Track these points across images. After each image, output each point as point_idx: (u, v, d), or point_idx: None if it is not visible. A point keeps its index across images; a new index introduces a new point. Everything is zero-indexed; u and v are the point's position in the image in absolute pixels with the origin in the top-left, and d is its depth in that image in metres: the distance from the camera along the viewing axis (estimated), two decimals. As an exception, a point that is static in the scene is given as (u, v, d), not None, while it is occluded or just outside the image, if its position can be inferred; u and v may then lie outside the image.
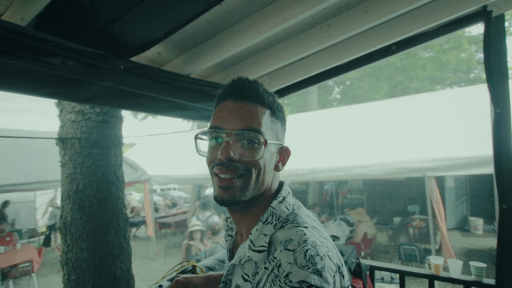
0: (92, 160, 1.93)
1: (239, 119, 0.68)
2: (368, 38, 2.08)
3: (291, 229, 0.66)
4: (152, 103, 1.64)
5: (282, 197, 0.73)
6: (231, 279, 0.76)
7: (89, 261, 1.87)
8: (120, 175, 2.10)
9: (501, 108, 1.95)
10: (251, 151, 0.68)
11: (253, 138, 0.67)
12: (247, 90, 0.70)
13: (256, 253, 0.67)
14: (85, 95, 1.33)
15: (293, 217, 0.69)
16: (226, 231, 0.86)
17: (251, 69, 2.15)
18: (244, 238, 0.75)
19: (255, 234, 0.69)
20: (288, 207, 0.72)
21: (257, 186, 0.69)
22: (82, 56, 1.29)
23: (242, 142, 0.68)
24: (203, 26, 1.67)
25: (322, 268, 0.58)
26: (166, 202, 12.16)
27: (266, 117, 0.71)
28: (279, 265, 0.60)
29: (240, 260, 0.71)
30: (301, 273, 0.57)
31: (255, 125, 0.68)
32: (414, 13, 1.97)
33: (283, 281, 0.57)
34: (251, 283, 0.67)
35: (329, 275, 0.58)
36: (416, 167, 4.45)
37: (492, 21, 1.98)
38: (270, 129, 0.71)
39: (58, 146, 2.02)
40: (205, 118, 2.12)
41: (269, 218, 0.70)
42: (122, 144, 2.14)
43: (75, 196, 1.94)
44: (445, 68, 11.67)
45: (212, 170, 0.71)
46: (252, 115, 0.69)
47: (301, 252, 0.59)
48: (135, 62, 1.55)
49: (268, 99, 0.72)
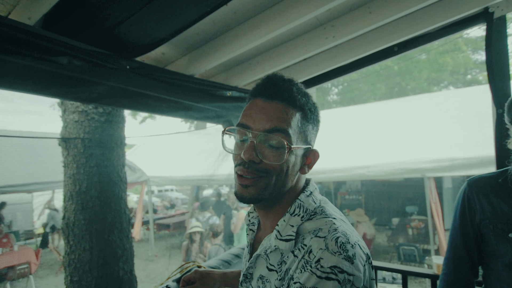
0: (95, 161, 1.92)
1: (267, 120, 0.67)
2: (371, 39, 2.09)
3: (319, 220, 0.67)
4: (157, 103, 1.64)
5: (309, 191, 0.74)
6: (252, 272, 0.76)
7: (92, 262, 1.86)
8: (123, 176, 2.09)
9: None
10: (275, 154, 0.67)
11: (278, 141, 0.66)
12: (279, 90, 0.69)
13: (284, 242, 0.67)
14: (92, 94, 1.33)
15: (320, 210, 0.71)
16: (248, 225, 0.87)
17: (254, 69, 2.15)
18: (268, 231, 0.76)
19: (282, 224, 0.70)
20: (315, 200, 0.73)
21: (277, 187, 0.69)
22: (89, 56, 1.28)
23: (267, 144, 0.67)
24: (209, 27, 1.67)
25: (354, 255, 0.58)
26: (164, 204, 12.12)
27: (295, 120, 0.69)
28: (310, 251, 0.61)
29: (266, 250, 0.72)
30: (333, 258, 0.57)
31: (283, 127, 0.66)
32: (416, 15, 1.98)
33: (315, 266, 0.58)
34: (277, 272, 0.68)
35: (360, 263, 0.59)
36: (415, 167, 4.47)
37: (494, 22, 1.99)
38: (299, 132, 0.70)
39: (61, 146, 2.00)
40: (209, 118, 2.12)
41: (296, 210, 0.70)
42: (125, 144, 2.13)
43: (78, 197, 1.92)
44: (442, 70, 11.76)
45: (235, 169, 0.71)
46: (281, 117, 0.67)
47: (332, 239, 0.60)
48: (141, 62, 1.55)
49: (301, 100, 0.70)
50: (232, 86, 2.16)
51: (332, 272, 0.56)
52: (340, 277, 0.56)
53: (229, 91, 2.13)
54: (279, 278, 0.66)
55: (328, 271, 0.56)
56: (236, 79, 2.22)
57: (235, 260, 1.88)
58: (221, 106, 2.12)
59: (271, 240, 0.71)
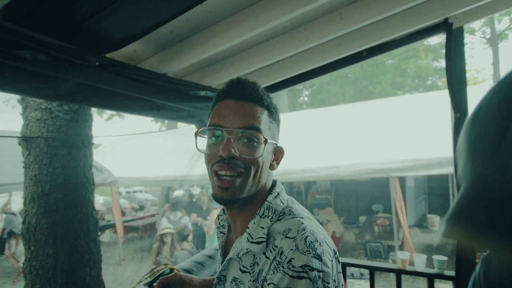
0: (60, 161, 1.82)
1: (240, 118, 0.70)
2: (342, 44, 2.17)
3: (288, 220, 0.69)
4: (128, 102, 1.59)
5: (276, 192, 0.76)
6: (225, 275, 0.77)
7: (56, 268, 1.76)
8: (90, 177, 2.00)
9: (461, 112, 2.11)
10: (251, 149, 0.70)
11: (254, 137, 0.70)
12: (247, 90, 0.73)
13: (255, 245, 0.69)
14: (58, 91, 1.26)
15: (288, 210, 0.73)
16: (218, 228, 0.87)
17: (228, 69, 2.15)
18: (239, 233, 0.78)
19: (252, 227, 0.71)
20: (283, 201, 0.75)
21: (254, 184, 0.72)
22: (55, 51, 1.22)
23: (242, 141, 0.70)
24: (182, 25, 1.64)
25: (322, 253, 0.61)
26: (133, 205, 11.71)
27: (264, 117, 0.73)
28: (281, 252, 0.63)
29: (238, 253, 0.73)
30: (303, 258, 0.60)
31: (256, 124, 0.70)
32: (384, 22, 2.07)
33: (287, 267, 0.60)
34: (250, 273, 0.69)
35: (328, 260, 0.62)
36: (381, 168, 4.68)
37: (452, 32, 2.13)
38: (268, 129, 0.74)
39: (21, 146, 1.87)
40: (182, 118, 2.09)
41: (265, 212, 0.72)
42: (92, 144, 2.04)
43: (41, 199, 1.81)
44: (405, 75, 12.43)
45: (211, 168, 0.72)
46: (253, 114, 0.71)
47: (301, 239, 0.63)
48: (111, 59, 1.49)
49: (267, 100, 0.76)
50: (205, 86, 2.15)
51: (304, 271, 0.58)
52: (311, 274, 0.58)
53: (203, 91, 2.11)
54: (252, 280, 0.67)
55: (299, 270, 0.59)
56: (209, 79, 2.20)
57: (209, 261, 1.86)
58: (194, 106, 2.10)
59: (242, 243, 0.72)
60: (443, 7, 2.00)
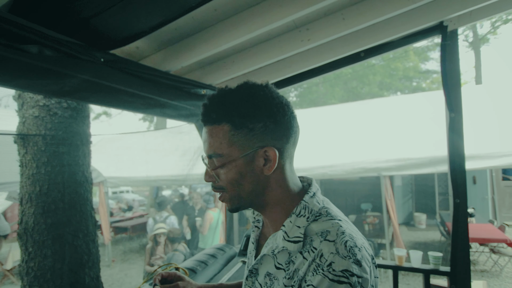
0: (58, 160, 1.77)
1: (206, 145, 0.73)
2: (342, 44, 2.20)
3: (326, 222, 0.69)
4: (133, 100, 1.57)
5: (313, 192, 0.76)
6: (258, 268, 0.78)
7: (54, 270, 1.71)
8: (88, 176, 1.96)
9: (455, 112, 2.18)
10: (218, 173, 0.74)
11: (215, 163, 0.73)
12: (207, 114, 0.72)
13: (292, 244, 0.69)
14: (63, 88, 1.23)
15: (325, 211, 0.72)
16: (253, 222, 0.89)
17: (229, 68, 2.15)
18: (273, 229, 0.78)
19: (288, 225, 0.71)
20: (319, 201, 0.75)
21: (246, 195, 0.74)
22: (61, 45, 1.19)
23: (210, 167, 0.75)
24: (187, 22, 1.63)
25: (361, 258, 0.62)
26: (120, 206, 11.50)
27: (223, 136, 0.70)
28: (321, 255, 0.63)
29: (273, 250, 0.73)
30: (344, 262, 0.60)
31: (211, 152, 0.73)
32: (382, 24, 2.11)
33: (327, 270, 0.60)
34: (284, 270, 0.70)
35: (367, 266, 0.62)
36: (373, 167, 4.77)
37: (447, 34, 2.20)
38: (230, 145, 0.70)
39: (17, 144, 1.81)
40: (183, 116, 2.07)
41: (302, 211, 0.72)
42: (90, 142, 2.00)
43: (39, 199, 1.75)
44: (394, 76, 12.69)
45: None
46: (210, 140, 0.72)
47: (341, 243, 0.63)
48: (116, 55, 1.47)
49: (230, 113, 0.70)
50: (206, 85, 2.14)
51: (344, 275, 0.59)
52: (351, 280, 0.58)
53: (204, 89, 2.10)
54: (287, 277, 0.68)
55: (340, 275, 0.59)
56: (210, 77, 2.19)
57: (211, 260, 1.86)
58: (195, 104, 2.09)
59: (277, 240, 0.72)
60: (439, 10, 2.05)
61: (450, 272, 2.10)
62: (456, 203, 2.12)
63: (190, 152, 5.65)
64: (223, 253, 1.98)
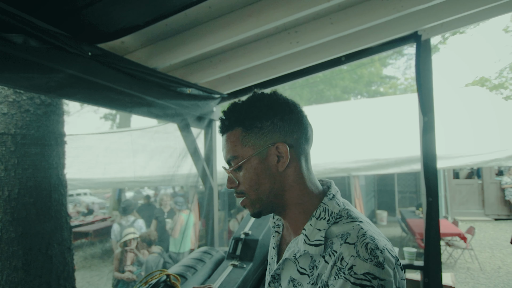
0: (30, 161, 1.60)
1: (224, 152, 0.77)
2: (326, 48, 2.25)
3: (346, 224, 0.69)
4: (120, 98, 1.47)
5: (332, 194, 0.75)
6: (280, 274, 0.77)
7: (25, 283, 1.55)
8: (63, 179, 1.80)
9: (428, 116, 2.33)
10: (237, 176, 0.77)
11: (235, 168, 0.76)
12: (222, 124, 0.78)
13: (313, 247, 0.68)
14: (50, 83, 1.12)
15: (346, 213, 0.72)
16: (273, 227, 0.87)
17: (216, 67, 2.10)
18: (293, 233, 0.78)
19: (309, 229, 0.71)
20: (339, 203, 0.74)
21: (265, 196, 0.75)
22: (48, 36, 1.08)
23: (231, 172, 0.77)
24: (179, 18, 1.56)
25: (383, 260, 0.60)
26: (78, 209, 10.77)
27: (236, 139, 0.75)
28: (342, 258, 0.62)
29: (295, 254, 0.72)
30: (365, 265, 0.59)
31: (228, 156, 0.76)
32: (364, 31, 2.20)
33: (348, 273, 0.60)
34: (308, 276, 0.69)
35: (389, 268, 0.61)
36: (343, 167, 4.95)
37: (421, 43, 2.34)
38: (243, 146, 0.75)
39: (-19, 144, 1.61)
40: (169, 116, 1.99)
41: (322, 214, 0.72)
42: (65, 142, 1.84)
43: (7, 205, 1.56)
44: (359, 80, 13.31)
45: None
46: (226, 146, 0.77)
47: (362, 246, 0.62)
48: (103, 49, 1.37)
49: (240, 117, 0.76)
50: (191, 84, 2.07)
51: (366, 278, 0.58)
52: (374, 283, 0.58)
53: (189, 88, 2.04)
54: (311, 283, 0.67)
55: (362, 278, 0.58)
56: (195, 76, 2.13)
57: (200, 264, 1.80)
58: (180, 103, 2.01)
59: (298, 244, 0.72)
60: (414, 21, 2.18)
61: (424, 266, 2.23)
62: (429, 202, 2.26)
63: (160, 153, 5.44)
64: (211, 256, 1.93)
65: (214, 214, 2.66)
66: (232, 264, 1.74)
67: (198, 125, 2.47)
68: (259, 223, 2.06)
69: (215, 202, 2.70)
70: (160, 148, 5.14)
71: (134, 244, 3.67)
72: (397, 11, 1.83)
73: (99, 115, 12.60)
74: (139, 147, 6.20)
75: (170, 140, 2.32)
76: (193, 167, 2.45)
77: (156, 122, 8.49)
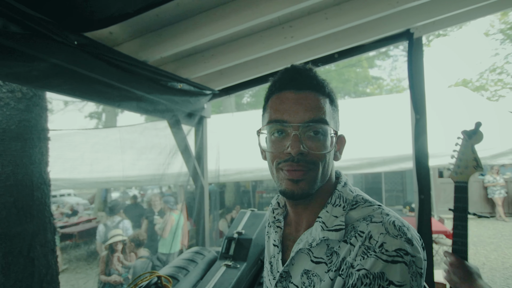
0: (10, 158, 1.50)
1: (304, 111, 0.65)
2: (320, 44, 2.23)
3: (366, 208, 0.68)
4: (108, 91, 1.40)
5: (343, 182, 0.74)
6: (289, 270, 0.72)
7: (5, 287, 1.45)
8: (46, 177, 1.70)
9: (420, 114, 2.34)
10: (319, 143, 0.66)
11: (320, 130, 0.65)
12: (307, 79, 0.67)
13: (333, 232, 0.65)
14: (32, 72, 1.04)
15: (361, 198, 0.71)
16: (274, 223, 0.82)
17: (208, 62, 2.04)
18: (303, 227, 0.74)
19: (325, 215, 0.68)
20: (352, 190, 0.73)
21: (323, 178, 0.69)
22: (30, 22, 1.00)
23: (308, 135, 0.65)
24: (171, 9, 1.50)
25: (411, 237, 0.59)
26: (62, 211, 10.43)
27: (328, 107, 0.69)
28: (370, 236, 0.60)
29: (311, 244, 0.68)
30: (396, 241, 0.57)
31: (322, 116, 0.65)
32: (357, 27, 2.18)
33: (379, 251, 0.57)
34: (326, 264, 0.65)
35: (418, 245, 0.60)
36: (332, 166, 4.96)
37: (413, 41, 2.35)
38: (332, 119, 0.69)
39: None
40: (159, 112, 1.92)
41: (337, 201, 0.70)
42: (49, 138, 1.75)
43: (-15, 205, 1.47)
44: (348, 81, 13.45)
45: (278, 166, 0.67)
46: (317, 106, 0.66)
47: (390, 223, 0.60)
48: (91, 39, 1.29)
49: (328, 88, 0.70)
50: (183, 78, 2.01)
51: (398, 255, 0.56)
52: (406, 259, 0.56)
53: (180, 83, 1.97)
54: (333, 269, 0.63)
55: (394, 254, 0.56)
56: (186, 71, 2.06)
57: (192, 265, 1.74)
58: (171, 99, 1.95)
59: (313, 233, 0.68)
60: (406, 19, 2.18)
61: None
62: (421, 199, 2.27)
63: (147, 152, 5.31)
64: (203, 257, 1.87)
65: (205, 214, 2.60)
66: (226, 264, 1.68)
67: (189, 122, 2.41)
68: (252, 222, 2.02)
69: (206, 201, 2.63)
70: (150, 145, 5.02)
71: (120, 247, 3.56)
72: (393, 6, 1.82)
73: (84, 114, 12.27)
74: (127, 145, 6.04)
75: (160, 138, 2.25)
76: (183, 166, 2.39)
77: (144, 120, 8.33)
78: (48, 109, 1.78)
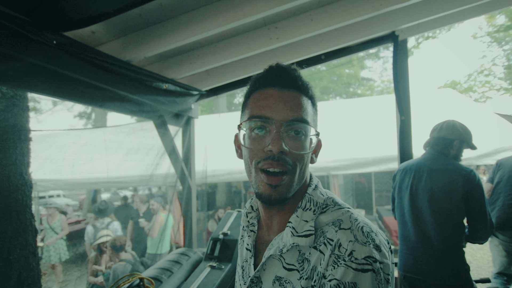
0: (-11, 159, 1.48)
1: (288, 109, 0.63)
2: (306, 45, 2.24)
3: (335, 211, 0.67)
4: (89, 91, 1.38)
5: (314, 185, 0.73)
6: (260, 276, 0.71)
7: (-17, 291, 1.43)
8: (28, 178, 1.67)
9: (405, 115, 2.37)
10: (299, 143, 0.64)
11: (302, 130, 0.64)
12: (293, 79, 0.66)
13: (303, 238, 0.64)
14: (8, 72, 1.02)
15: (331, 201, 0.70)
16: (247, 226, 0.80)
17: (194, 62, 2.04)
18: (275, 231, 0.72)
19: (295, 220, 0.67)
20: (322, 193, 0.72)
21: (299, 181, 0.67)
22: (5, 20, 0.99)
23: (289, 134, 0.63)
24: (154, 9, 1.50)
25: (380, 243, 0.59)
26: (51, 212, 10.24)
27: (310, 108, 0.68)
28: (339, 244, 0.59)
29: (281, 250, 0.67)
30: (365, 249, 0.57)
31: (304, 116, 0.64)
32: (343, 29, 2.20)
33: (348, 259, 0.56)
34: (298, 271, 0.64)
35: (385, 250, 0.59)
36: (322, 166, 4.99)
37: (399, 43, 2.38)
38: (313, 121, 0.69)
39: None
40: (144, 112, 1.90)
41: (307, 205, 0.68)
42: (30, 139, 1.72)
43: (-38, 207, 1.44)
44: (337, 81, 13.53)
45: (257, 166, 0.64)
46: (301, 106, 0.65)
47: (358, 229, 0.60)
48: (71, 39, 1.28)
49: (311, 90, 0.70)
50: (168, 78, 2.00)
51: (367, 262, 0.56)
52: (375, 266, 0.56)
53: (165, 84, 1.96)
54: (305, 277, 0.62)
55: (363, 262, 0.56)
56: (172, 71, 2.05)
57: (176, 267, 1.73)
58: (156, 99, 1.93)
59: (284, 238, 0.67)
60: (392, 20, 2.21)
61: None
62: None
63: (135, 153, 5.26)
64: (188, 258, 1.87)
65: (192, 215, 2.59)
66: (210, 265, 1.68)
67: (176, 122, 2.39)
68: (239, 223, 2.02)
69: (193, 202, 2.62)
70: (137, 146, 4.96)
71: (109, 248, 3.51)
72: (376, 9, 1.84)
73: (73, 113, 12.05)
74: (114, 145, 5.97)
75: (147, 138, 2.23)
76: (171, 167, 2.37)
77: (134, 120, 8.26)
78: (30, 109, 1.74)
